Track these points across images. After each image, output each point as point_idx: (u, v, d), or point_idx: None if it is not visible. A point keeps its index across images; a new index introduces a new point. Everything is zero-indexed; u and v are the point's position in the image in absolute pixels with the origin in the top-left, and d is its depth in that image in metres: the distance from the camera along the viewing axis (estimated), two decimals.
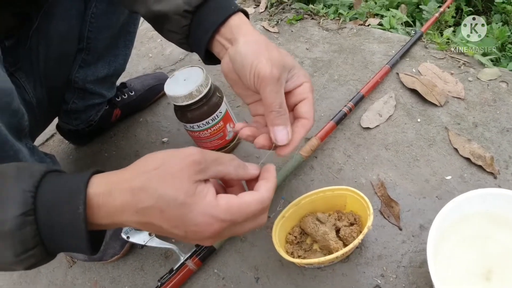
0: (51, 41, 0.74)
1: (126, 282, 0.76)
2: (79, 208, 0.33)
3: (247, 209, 0.38)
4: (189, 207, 0.35)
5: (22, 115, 0.56)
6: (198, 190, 0.36)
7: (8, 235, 0.32)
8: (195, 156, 0.37)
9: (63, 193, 0.34)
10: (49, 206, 0.33)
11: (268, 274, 0.69)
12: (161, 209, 0.35)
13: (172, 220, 0.35)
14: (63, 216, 0.34)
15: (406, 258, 0.66)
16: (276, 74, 0.44)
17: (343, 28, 1.17)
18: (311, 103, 0.49)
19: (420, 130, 0.84)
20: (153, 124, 1.05)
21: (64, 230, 0.34)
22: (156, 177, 0.35)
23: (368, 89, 0.90)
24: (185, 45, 0.56)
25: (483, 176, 0.74)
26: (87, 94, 0.90)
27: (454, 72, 0.95)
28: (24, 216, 0.32)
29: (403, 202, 0.72)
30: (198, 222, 0.36)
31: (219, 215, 0.36)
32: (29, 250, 0.33)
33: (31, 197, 0.33)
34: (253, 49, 0.46)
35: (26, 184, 0.33)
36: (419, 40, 1.05)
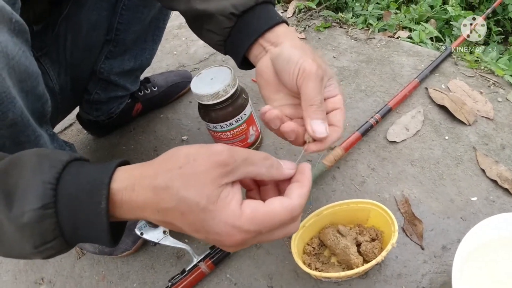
0: (80, 30, 0.73)
1: (135, 279, 0.75)
2: (102, 203, 0.33)
3: (274, 219, 0.35)
4: (210, 214, 0.33)
5: (46, 100, 0.56)
6: (222, 196, 0.34)
7: (26, 227, 0.31)
8: (223, 155, 0.34)
9: (85, 186, 0.33)
10: (70, 199, 0.33)
11: (281, 284, 0.67)
12: (182, 212, 0.33)
13: (193, 224, 0.34)
14: (84, 210, 0.33)
15: (427, 278, 0.63)
16: (321, 74, 0.45)
17: (372, 39, 1.15)
18: (343, 113, 0.49)
19: (447, 148, 0.81)
20: (173, 121, 1.04)
21: (85, 224, 0.33)
22: (179, 177, 0.33)
23: (396, 102, 0.88)
24: (221, 47, 0.56)
25: (509, 199, 0.71)
26: (111, 85, 0.89)
27: (484, 91, 0.93)
28: (43, 209, 0.31)
29: (427, 221, 0.70)
30: (220, 231, 0.34)
31: (243, 226, 0.34)
32: (48, 242, 0.33)
33: (52, 189, 0.32)
34: (300, 50, 0.47)
35: (46, 176, 0.32)
36: (449, 56, 1.02)
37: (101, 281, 0.76)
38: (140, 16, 0.81)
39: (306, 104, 0.45)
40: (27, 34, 0.49)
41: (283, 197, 0.37)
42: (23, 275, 0.82)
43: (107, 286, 0.75)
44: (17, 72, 0.47)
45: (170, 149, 0.36)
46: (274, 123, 0.47)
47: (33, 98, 0.52)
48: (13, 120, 0.47)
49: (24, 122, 0.49)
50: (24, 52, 0.48)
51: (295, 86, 0.47)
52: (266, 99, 0.53)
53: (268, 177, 0.38)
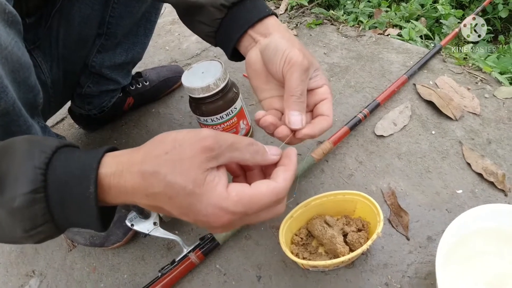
0: (72, 23, 0.74)
1: (126, 270, 0.75)
2: (90, 187, 0.33)
3: (260, 201, 0.36)
4: (197, 197, 0.34)
5: (37, 92, 0.56)
6: (208, 180, 0.34)
7: (17, 211, 0.32)
8: (208, 141, 0.35)
9: (75, 171, 0.34)
10: (60, 184, 0.33)
11: (270, 274, 0.68)
12: (169, 196, 0.34)
13: (181, 208, 0.35)
14: (73, 194, 0.33)
15: (412, 268, 0.65)
16: (306, 64, 0.46)
17: (362, 36, 1.17)
18: (331, 102, 0.51)
19: (434, 142, 0.83)
20: (165, 116, 1.05)
21: (75, 209, 0.34)
22: (166, 163, 0.34)
23: (384, 98, 0.89)
24: (211, 38, 0.57)
25: (494, 192, 0.73)
26: (102, 79, 0.90)
27: (471, 87, 0.94)
28: (33, 193, 0.32)
29: (412, 213, 0.71)
30: (207, 213, 0.35)
31: (229, 207, 0.35)
32: (38, 227, 0.33)
33: (42, 174, 0.32)
34: (287, 41, 0.48)
35: (37, 161, 0.32)
36: (437, 53, 1.04)
37: (92, 273, 0.77)
38: (132, 9, 0.82)
39: (287, 94, 0.47)
40: (20, 25, 0.50)
41: (269, 180, 0.38)
42: (14, 268, 0.83)
43: (98, 277, 0.76)
44: (10, 62, 0.47)
45: (158, 134, 0.37)
46: (269, 128, 0.50)
47: (25, 89, 0.52)
48: (5, 109, 0.47)
49: (16, 111, 0.50)
50: (17, 43, 0.48)
51: (281, 76, 0.48)
52: (256, 90, 0.54)
53: (252, 162, 0.39)
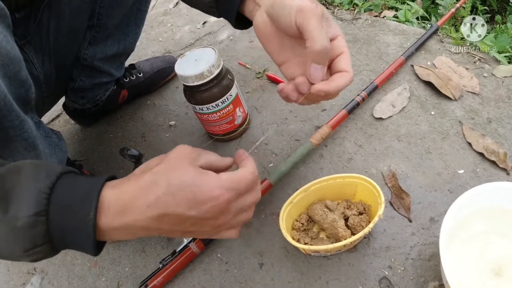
0: (62, 17, 0.72)
1: (127, 263, 0.75)
2: (90, 214, 0.35)
3: (245, 179, 0.41)
4: (198, 185, 0.37)
5: (29, 86, 0.55)
6: (200, 171, 0.39)
7: (19, 231, 0.33)
8: (187, 149, 0.41)
9: (76, 197, 0.35)
10: (62, 209, 0.35)
11: (272, 261, 0.68)
12: (173, 193, 0.36)
13: (186, 202, 0.37)
14: (74, 219, 0.35)
15: (415, 250, 0.64)
16: (320, 10, 0.42)
17: (358, 19, 1.15)
18: (348, 56, 0.47)
19: (433, 123, 0.82)
20: (160, 107, 1.04)
21: (74, 233, 0.36)
22: (160, 171, 0.37)
23: (382, 80, 0.88)
24: (213, 8, 0.56)
25: (495, 172, 0.72)
26: (95, 72, 0.88)
27: (469, 67, 0.93)
28: (36, 216, 0.33)
29: (414, 194, 0.70)
30: (211, 196, 0.37)
31: (226, 185, 0.39)
32: (37, 247, 0.35)
33: (45, 198, 0.34)
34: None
35: (42, 184, 0.34)
36: (434, 34, 1.03)
37: (93, 267, 0.76)
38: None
39: (309, 44, 0.42)
40: (8, 18, 0.49)
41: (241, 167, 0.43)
42: (15, 266, 0.82)
43: (99, 272, 0.75)
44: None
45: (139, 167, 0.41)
46: (293, 96, 0.48)
47: (16, 84, 0.51)
48: None
49: (7, 106, 0.49)
50: (6, 37, 0.47)
51: (295, 29, 0.44)
52: (271, 55, 0.51)
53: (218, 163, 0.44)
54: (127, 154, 0.68)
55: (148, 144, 0.95)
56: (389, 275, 0.62)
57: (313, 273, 0.64)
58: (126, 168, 0.91)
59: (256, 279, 0.66)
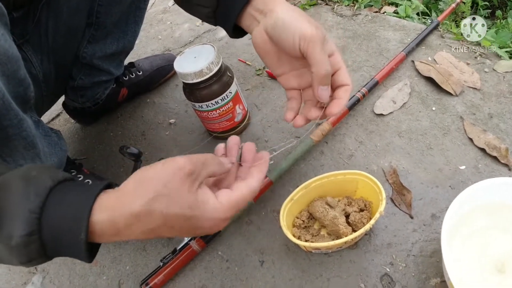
0: (61, 15, 0.72)
1: (128, 261, 0.75)
2: (81, 234, 0.35)
3: (244, 200, 0.43)
4: (197, 218, 0.38)
5: (28, 85, 0.55)
6: (200, 199, 0.39)
7: (14, 249, 0.34)
8: (186, 167, 0.38)
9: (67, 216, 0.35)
10: (53, 228, 0.35)
11: (273, 258, 0.67)
12: (171, 226, 0.37)
13: (183, 231, 0.39)
14: (66, 238, 0.35)
15: (417, 247, 0.64)
16: (321, 36, 0.46)
17: (358, 15, 1.14)
18: (346, 70, 0.51)
19: (434, 118, 0.81)
20: (160, 105, 1.03)
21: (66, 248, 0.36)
22: (158, 200, 0.36)
23: (383, 76, 0.88)
24: (212, 19, 0.57)
25: (497, 167, 0.72)
26: (94, 70, 0.88)
27: (470, 62, 0.92)
28: (29, 236, 0.33)
29: (415, 191, 0.70)
30: (208, 226, 0.40)
31: (224, 215, 0.40)
32: (33, 260, 0.35)
33: (36, 218, 0.34)
34: (293, 15, 0.47)
35: (32, 204, 0.34)
36: (435, 29, 1.02)
37: (94, 266, 0.76)
38: None
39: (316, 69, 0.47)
40: (6, 17, 0.48)
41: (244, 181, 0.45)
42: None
43: (100, 270, 0.75)
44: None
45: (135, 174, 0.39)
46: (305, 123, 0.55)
47: (15, 83, 0.51)
48: None
49: (5, 105, 0.49)
50: (3, 35, 0.47)
51: (298, 52, 0.47)
52: (270, 67, 0.55)
53: (218, 172, 0.45)
54: (126, 152, 0.68)
55: (148, 142, 0.94)
56: (391, 271, 0.62)
57: (314, 271, 0.64)
58: (126, 166, 0.91)
59: (257, 277, 0.66)
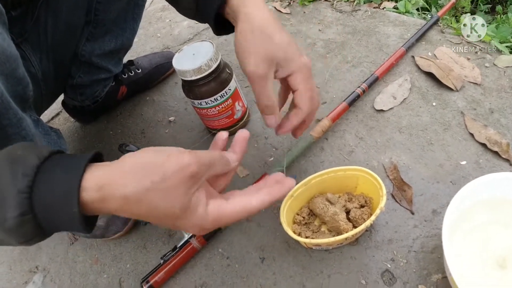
0: (59, 13, 0.72)
1: (128, 259, 0.75)
2: (74, 209, 0.35)
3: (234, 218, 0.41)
4: (182, 219, 0.38)
5: (27, 84, 0.55)
6: (192, 203, 0.38)
7: (10, 231, 0.34)
8: (192, 168, 0.37)
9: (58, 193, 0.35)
10: (45, 206, 0.35)
11: (274, 255, 0.67)
12: (156, 217, 0.38)
13: (165, 224, 0.39)
14: (59, 214, 0.35)
15: (418, 243, 0.64)
16: (262, 72, 0.48)
17: (357, 10, 1.14)
18: (302, 93, 0.52)
19: (435, 114, 0.81)
20: (160, 103, 1.03)
21: (62, 223, 0.36)
22: (151, 191, 0.36)
23: (383, 71, 0.87)
24: (199, 18, 0.59)
25: (498, 162, 0.71)
26: (93, 68, 0.88)
27: (471, 57, 0.92)
28: (21, 216, 0.33)
29: (416, 186, 0.70)
30: (190, 229, 0.40)
31: (208, 226, 0.40)
32: (30, 240, 0.36)
33: (27, 198, 0.33)
34: (245, 42, 0.49)
35: (20, 185, 0.33)
36: (435, 25, 1.01)
37: (95, 264, 0.76)
38: None
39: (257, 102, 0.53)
40: (4, 16, 0.48)
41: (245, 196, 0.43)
42: (17, 265, 0.82)
43: (101, 269, 0.75)
44: None
45: (137, 152, 0.39)
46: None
47: (13, 81, 0.51)
48: None
49: (4, 104, 0.48)
50: (1, 34, 0.47)
51: None
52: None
53: (222, 172, 0.45)
54: (126, 150, 0.68)
55: (148, 140, 0.94)
56: (392, 268, 0.62)
57: (315, 267, 0.64)
58: None
59: (258, 274, 0.66)
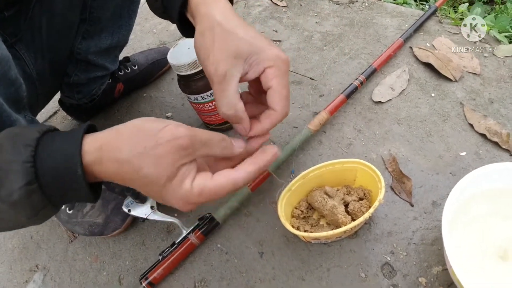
0: (54, 12, 0.71)
1: (127, 256, 0.74)
2: (78, 171, 0.36)
3: (219, 192, 0.40)
4: (167, 189, 0.38)
5: (19, 85, 0.54)
6: (179, 174, 0.38)
7: (17, 203, 0.34)
8: (184, 140, 0.37)
9: (61, 159, 0.36)
10: (50, 173, 0.35)
11: (273, 250, 0.67)
12: (143, 183, 0.38)
13: (152, 193, 0.39)
14: (64, 179, 0.36)
15: (418, 235, 0.63)
16: (221, 71, 0.42)
17: (355, 2, 1.13)
18: (275, 91, 0.44)
19: (434, 105, 0.80)
20: (157, 99, 1.03)
21: (68, 190, 0.37)
22: (142, 156, 0.37)
23: (381, 63, 0.86)
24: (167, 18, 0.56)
25: (498, 153, 0.71)
26: (90, 66, 0.87)
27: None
28: (28, 185, 0.34)
29: (415, 178, 0.69)
30: (174, 203, 0.40)
31: (192, 200, 0.39)
32: (39, 212, 0.36)
33: (31, 167, 0.34)
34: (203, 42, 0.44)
35: (24, 156, 0.34)
36: (433, 15, 1.01)
37: (94, 262, 0.76)
38: None
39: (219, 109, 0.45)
40: None
41: (230, 170, 0.41)
42: (17, 264, 0.82)
43: (101, 266, 0.75)
44: None
45: (136, 120, 0.39)
46: None
47: (5, 83, 0.51)
48: None
49: None
50: None
51: None
52: None
53: (221, 155, 0.43)
54: None
55: None
56: (392, 260, 0.61)
57: (314, 261, 0.64)
58: None
59: (257, 268, 0.66)
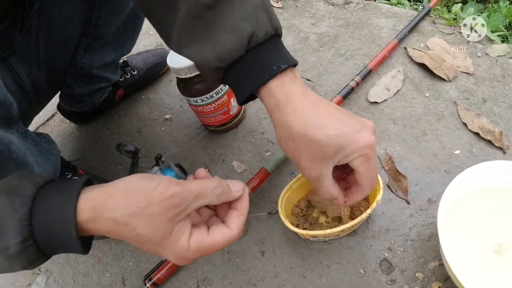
0: (53, 24, 0.68)
1: (130, 258, 0.75)
2: (72, 232, 0.37)
3: (215, 248, 0.42)
4: (163, 247, 0.39)
5: (10, 105, 0.53)
6: (175, 232, 0.39)
7: (14, 257, 0.36)
8: (175, 199, 0.38)
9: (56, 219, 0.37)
10: (45, 231, 0.37)
11: (273, 248, 0.68)
12: (139, 241, 0.39)
13: (148, 250, 0.40)
14: (59, 237, 0.37)
15: (414, 231, 0.65)
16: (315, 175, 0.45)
17: (349, 3, 1.14)
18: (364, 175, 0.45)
19: (428, 104, 0.82)
20: (155, 102, 1.03)
21: (61, 246, 0.38)
22: (137, 217, 0.38)
23: (376, 64, 0.88)
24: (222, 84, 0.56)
25: (492, 151, 0.73)
26: (93, 79, 0.86)
27: (463, 47, 0.93)
28: (24, 242, 0.36)
29: (411, 176, 0.71)
30: (171, 258, 0.41)
31: (189, 256, 0.40)
32: (33, 263, 0.37)
33: (27, 225, 0.36)
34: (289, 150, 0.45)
35: (19, 214, 0.36)
36: (427, 15, 1.02)
37: (97, 264, 0.77)
38: (120, 8, 0.77)
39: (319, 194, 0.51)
40: None
41: (224, 227, 0.43)
42: None
43: (104, 268, 0.76)
44: None
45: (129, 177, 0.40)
46: None
47: None
48: None
49: None
50: None
51: None
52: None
53: (218, 202, 0.43)
54: (123, 150, 0.68)
55: (145, 139, 0.94)
56: (389, 256, 0.63)
57: (314, 258, 0.65)
58: (124, 164, 0.91)
59: (259, 267, 0.67)
